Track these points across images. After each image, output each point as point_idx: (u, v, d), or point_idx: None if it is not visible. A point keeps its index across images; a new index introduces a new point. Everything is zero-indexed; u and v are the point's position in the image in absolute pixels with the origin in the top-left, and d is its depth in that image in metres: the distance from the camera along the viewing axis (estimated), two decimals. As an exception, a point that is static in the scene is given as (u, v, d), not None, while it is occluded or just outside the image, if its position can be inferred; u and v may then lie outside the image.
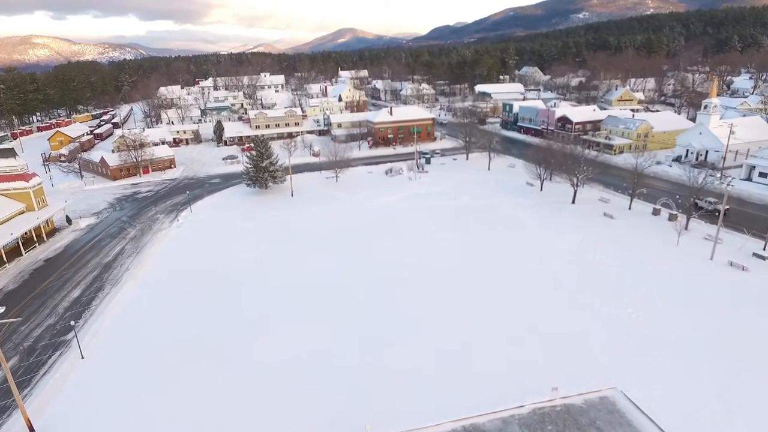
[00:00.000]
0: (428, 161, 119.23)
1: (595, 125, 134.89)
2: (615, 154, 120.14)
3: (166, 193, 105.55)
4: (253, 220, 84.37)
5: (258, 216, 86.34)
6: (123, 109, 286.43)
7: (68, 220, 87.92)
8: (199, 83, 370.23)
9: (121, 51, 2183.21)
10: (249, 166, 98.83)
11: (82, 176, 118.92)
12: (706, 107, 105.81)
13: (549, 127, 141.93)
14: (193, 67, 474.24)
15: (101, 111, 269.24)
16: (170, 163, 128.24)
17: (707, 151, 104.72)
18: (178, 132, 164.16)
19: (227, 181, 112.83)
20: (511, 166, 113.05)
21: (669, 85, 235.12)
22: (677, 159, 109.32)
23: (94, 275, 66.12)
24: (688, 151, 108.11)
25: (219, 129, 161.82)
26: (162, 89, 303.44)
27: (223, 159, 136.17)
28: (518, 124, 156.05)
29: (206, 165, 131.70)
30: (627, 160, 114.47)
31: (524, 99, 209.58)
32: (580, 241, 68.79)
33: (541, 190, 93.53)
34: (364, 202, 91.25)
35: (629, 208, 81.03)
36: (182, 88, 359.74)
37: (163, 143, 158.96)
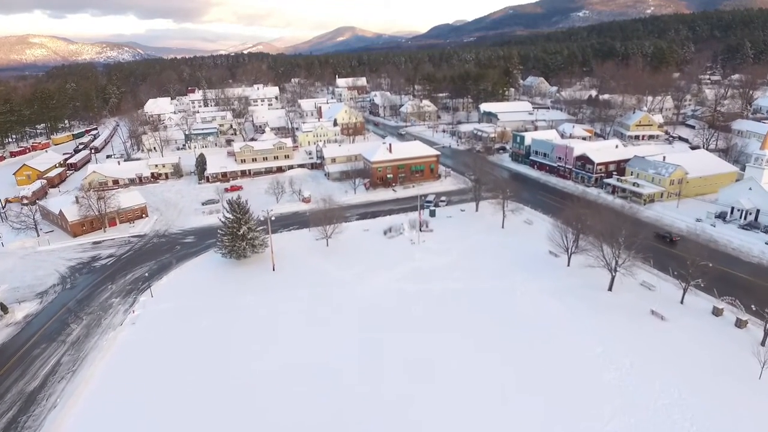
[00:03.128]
0: (433, 213, 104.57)
1: (619, 165, 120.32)
2: (644, 205, 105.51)
3: (129, 260, 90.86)
4: (223, 313, 69.68)
5: (229, 305, 71.61)
6: (108, 125, 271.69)
7: (3, 308, 73.32)
8: (190, 93, 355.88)
9: (119, 50, 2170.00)
10: (223, 233, 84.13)
11: (38, 232, 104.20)
12: (757, 159, 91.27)
13: (566, 165, 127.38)
14: (187, 73, 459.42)
15: (84, 129, 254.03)
16: (141, 212, 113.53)
17: (758, 211, 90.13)
18: (156, 166, 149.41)
19: (202, 239, 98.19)
20: (527, 223, 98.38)
21: (687, 102, 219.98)
22: (721, 216, 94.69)
23: (8, 419, 51.55)
24: (733, 208, 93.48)
25: (201, 163, 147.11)
26: (150, 104, 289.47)
27: (203, 204, 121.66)
28: (531, 158, 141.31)
29: (182, 213, 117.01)
30: (660, 212, 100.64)
31: (534, 122, 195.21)
32: (629, 366, 54.14)
33: (568, 265, 78.91)
34: (357, 283, 76.53)
35: (681, 302, 66.40)
36: (172, 99, 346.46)
37: (140, 180, 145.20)
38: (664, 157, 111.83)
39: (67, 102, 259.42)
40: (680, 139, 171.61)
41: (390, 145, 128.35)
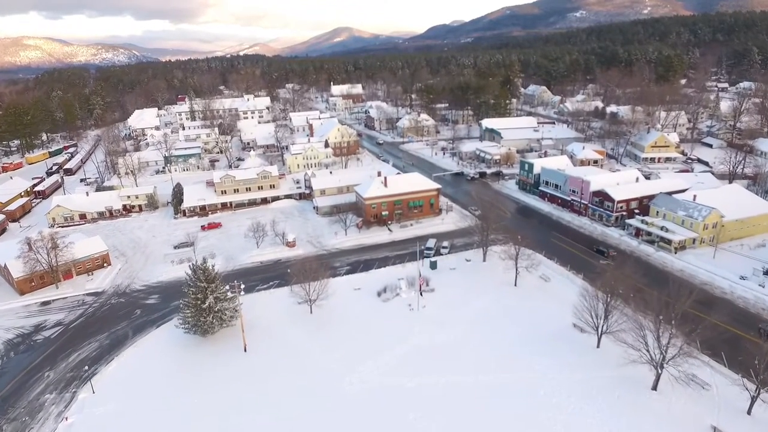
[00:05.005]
0: (434, 265, 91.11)
1: (642, 202, 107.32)
2: (675, 253, 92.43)
3: (77, 330, 77.26)
4: (179, 425, 56.17)
5: (187, 411, 58.02)
6: (90, 140, 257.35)
7: None
8: (180, 101, 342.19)
9: (115, 52, 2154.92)
10: (185, 304, 70.51)
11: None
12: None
13: (582, 200, 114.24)
14: (178, 80, 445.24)
15: (62, 146, 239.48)
16: (103, 261, 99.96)
17: (816, 270, 77.21)
18: (129, 197, 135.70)
19: (167, 299, 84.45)
20: (544, 279, 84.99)
21: (701, 116, 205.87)
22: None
23: None
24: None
25: (178, 194, 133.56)
26: (135, 116, 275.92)
27: (174, 247, 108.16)
28: (541, 188, 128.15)
29: (150, 259, 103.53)
30: (694, 264, 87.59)
31: (540, 140, 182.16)
32: None
33: (598, 346, 65.61)
34: (344, 373, 63.04)
35: (748, 413, 53.17)
36: (160, 109, 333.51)
37: (110, 213, 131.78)
38: (695, 196, 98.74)
39: (45, 117, 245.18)
40: (699, 161, 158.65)
41: (385, 178, 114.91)
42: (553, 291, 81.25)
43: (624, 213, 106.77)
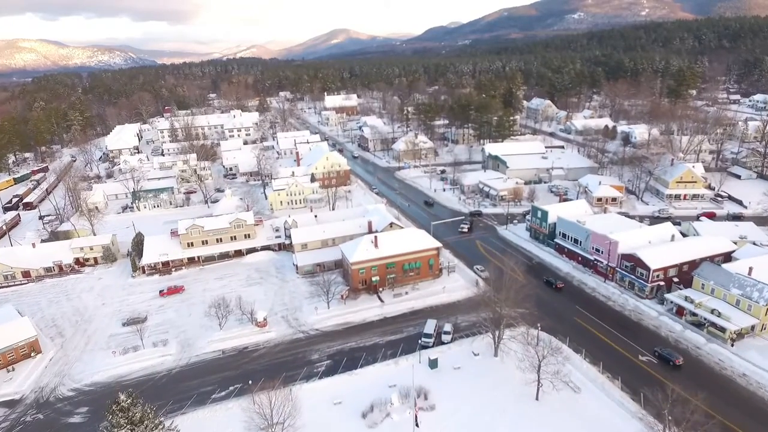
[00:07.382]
0: (434, 364, 73.32)
1: (681, 269, 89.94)
2: (731, 345, 75.02)
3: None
4: None
5: None
6: (63, 160, 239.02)
7: None
8: (166, 113, 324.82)
9: (111, 54, 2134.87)
10: (104, 453, 52.80)
11: None
12: None
13: (609, 263, 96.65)
14: (167, 89, 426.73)
15: (31, 170, 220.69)
16: (30, 350, 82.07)
17: None
18: (82, 249, 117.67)
19: (97, 417, 65.43)
20: (573, 390, 67.29)
21: (720, 136, 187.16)
22: None
23: None
24: None
25: (138, 246, 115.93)
26: (113, 135, 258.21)
27: (124, 324, 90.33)
28: (557, 241, 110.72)
29: (92, 341, 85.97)
30: (757, 363, 70.27)
31: (549, 170, 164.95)
32: None
33: None
34: None
35: None
36: (144, 123, 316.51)
37: (60, 269, 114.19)
38: (751, 269, 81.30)
39: (11, 139, 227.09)
40: (730, 198, 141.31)
41: (375, 238, 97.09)
42: (585, 409, 63.69)
43: (661, 283, 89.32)
